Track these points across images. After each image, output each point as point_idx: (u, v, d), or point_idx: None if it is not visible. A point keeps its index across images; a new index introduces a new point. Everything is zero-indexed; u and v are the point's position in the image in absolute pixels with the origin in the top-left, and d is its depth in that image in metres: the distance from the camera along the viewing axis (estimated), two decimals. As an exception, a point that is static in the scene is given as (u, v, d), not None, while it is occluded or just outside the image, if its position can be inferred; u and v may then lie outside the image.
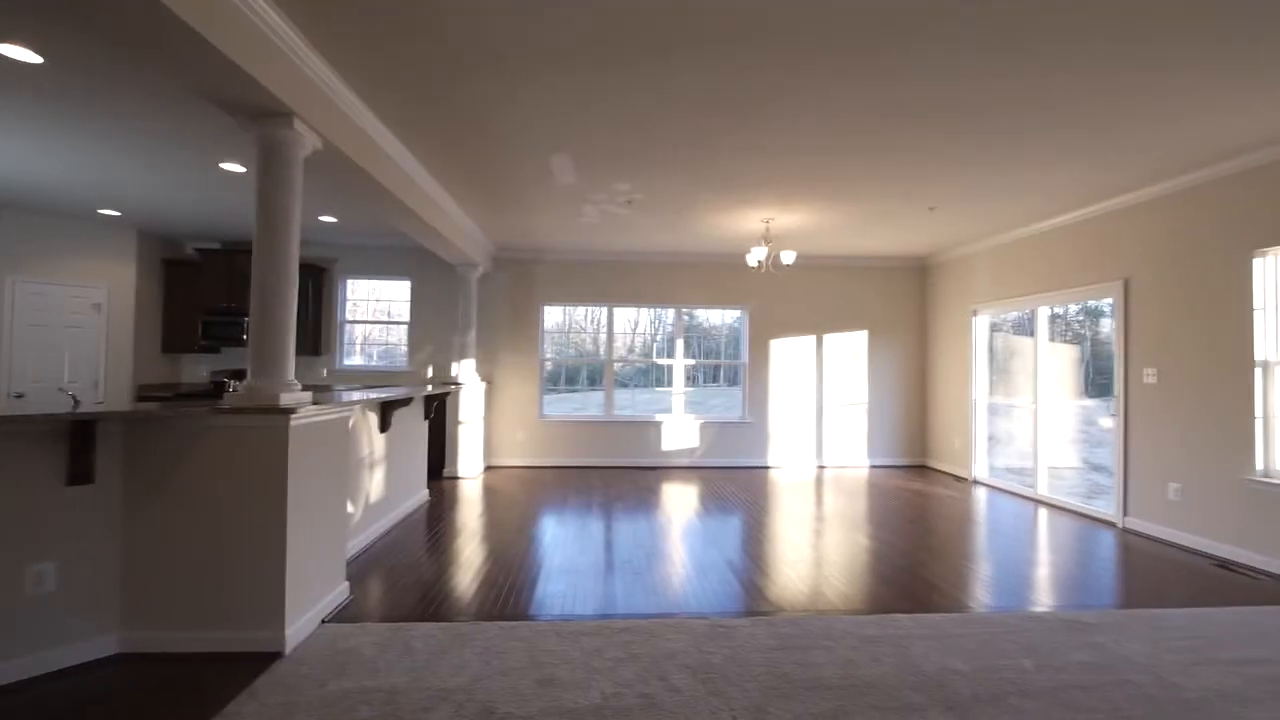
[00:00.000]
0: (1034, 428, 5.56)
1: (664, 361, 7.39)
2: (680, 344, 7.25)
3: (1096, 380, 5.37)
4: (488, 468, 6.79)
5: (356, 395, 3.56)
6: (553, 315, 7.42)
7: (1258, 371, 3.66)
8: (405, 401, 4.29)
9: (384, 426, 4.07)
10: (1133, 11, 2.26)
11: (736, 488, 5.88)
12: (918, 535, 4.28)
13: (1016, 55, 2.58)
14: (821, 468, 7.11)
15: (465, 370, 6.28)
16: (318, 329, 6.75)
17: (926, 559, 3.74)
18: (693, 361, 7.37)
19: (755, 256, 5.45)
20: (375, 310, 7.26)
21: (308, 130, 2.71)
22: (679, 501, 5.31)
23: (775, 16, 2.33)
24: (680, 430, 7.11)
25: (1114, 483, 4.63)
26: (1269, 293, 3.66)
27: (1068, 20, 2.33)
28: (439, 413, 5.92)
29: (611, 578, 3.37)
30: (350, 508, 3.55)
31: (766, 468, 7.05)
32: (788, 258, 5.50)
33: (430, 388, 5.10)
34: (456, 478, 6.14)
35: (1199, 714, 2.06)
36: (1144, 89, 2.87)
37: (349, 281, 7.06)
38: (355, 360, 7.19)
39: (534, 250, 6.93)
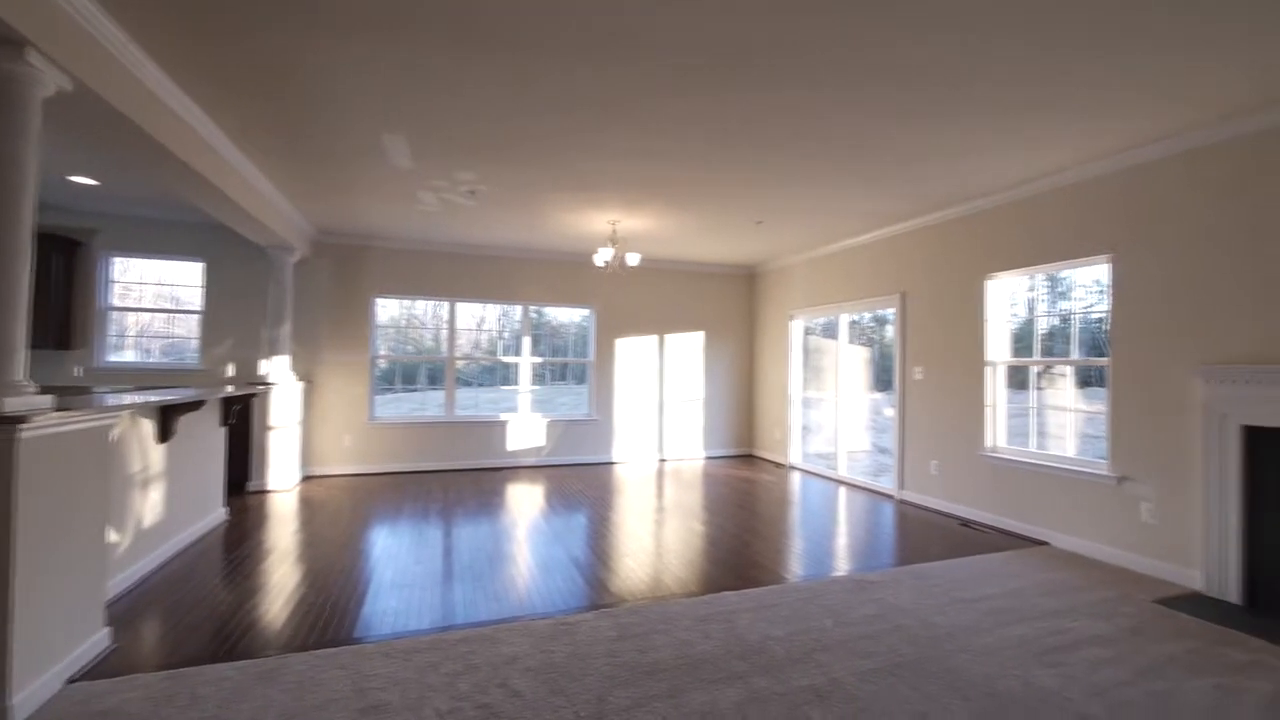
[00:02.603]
0: (835, 418, 6.46)
1: (510, 359, 7.20)
2: (528, 342, 7.12)
3: (882, 377, 6.42)
4: (306, 478, 6.02)
5: (126, 399, 2.92)
6: (387, 309, 6.81)
7: (987, 370, 4.66)
8: (194, 405, 3.62)
9: (164, 436, 3.40)
10: (915, 78, 2.74)
11: (583, 484, 5.95)
12: (744, 518, 4.72)
13: (814, 100, 2.98)
14: (663, 461, 7.49)
15: (278, 368, 5.49)
16: (68, 317, 5.41)
17: (751, 539, 4.14)
18: (540, 359, 7.29)
19: (602, 257, 5.56)
20: (155, 296, 6.03)
21: (49, 65, 2.16)
22: (524, 502, 5.22)
23: (603, 24, 2.41)
24: (527, 429, 6.99)
25: (894, 462, 5.57)
26: (995, 309, 4.68)
27: (859, 94, 2.75)
28: (242, 418, 5.10)
29: (450, 587, 3.20)
30: (114, 536, 2.91)
31: (612, 463, 7.24)
32: (633, 260, 5.70)
33: (231, 388, 4.37)
34: (266, 491, 5.34)
35: (948, 645, 2.57)
36: (915, 140, 3.49)
37: (115, 260, 5.77)
38: (126, 355, 5.90)
39: (364, 236, 6.29)
